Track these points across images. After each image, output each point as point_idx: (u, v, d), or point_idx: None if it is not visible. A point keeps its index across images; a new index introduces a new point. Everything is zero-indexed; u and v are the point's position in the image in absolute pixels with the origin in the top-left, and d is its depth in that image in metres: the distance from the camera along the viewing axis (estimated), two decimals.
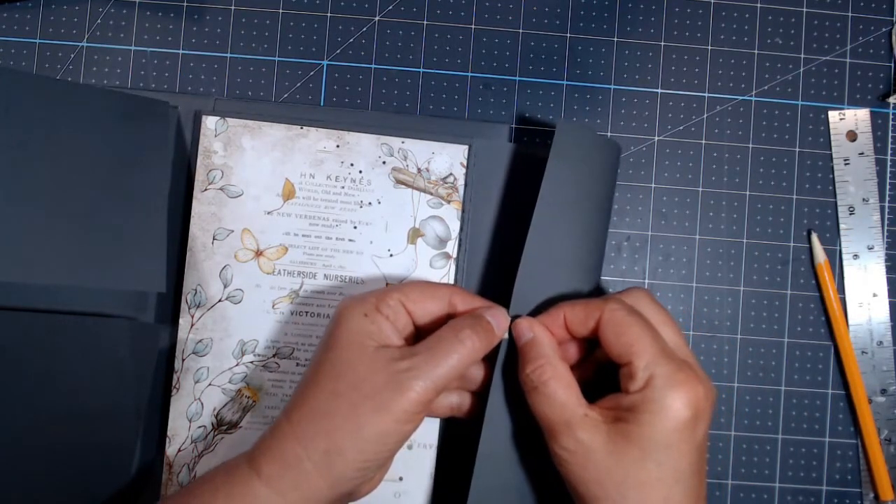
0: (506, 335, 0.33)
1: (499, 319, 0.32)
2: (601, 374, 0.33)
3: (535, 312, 0.34)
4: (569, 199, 0.35)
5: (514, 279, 0.34)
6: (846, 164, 0.41)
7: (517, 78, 0.41)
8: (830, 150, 0.41)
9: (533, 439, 0.32)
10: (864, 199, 0.41)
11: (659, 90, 0.41)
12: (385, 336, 0.31)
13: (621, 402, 0.30)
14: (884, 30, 0.41)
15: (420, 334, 0.33)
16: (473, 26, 0.41)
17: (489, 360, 0.34)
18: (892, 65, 0.41)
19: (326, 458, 0.29)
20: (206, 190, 0.38)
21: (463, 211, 0.39)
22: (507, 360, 0.33)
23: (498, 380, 0.33)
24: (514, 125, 0.40)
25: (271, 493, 0.29)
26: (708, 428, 0.29)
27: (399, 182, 0.39)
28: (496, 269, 0.39)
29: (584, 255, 0.35)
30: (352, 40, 0.41)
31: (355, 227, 0.38)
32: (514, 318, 0.33)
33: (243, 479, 0.29)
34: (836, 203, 0.41)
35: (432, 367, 0.30)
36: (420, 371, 0.29)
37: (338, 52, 0.41)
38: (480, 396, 0.35)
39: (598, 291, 0.36)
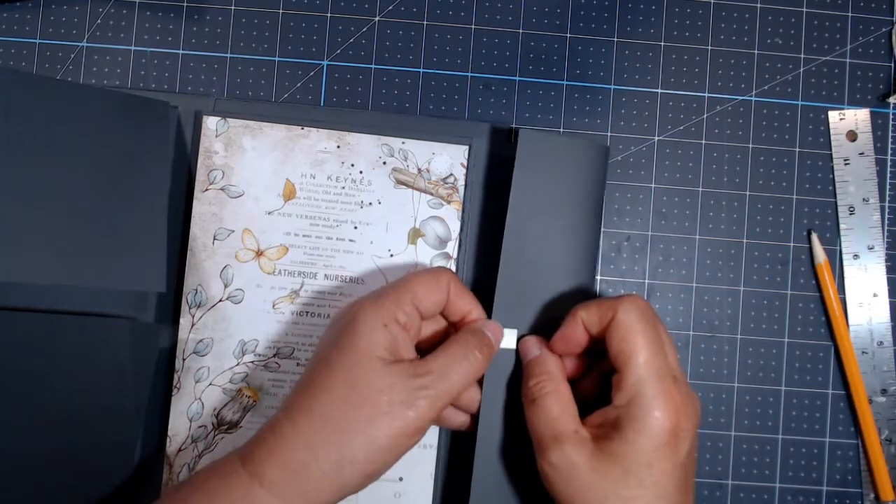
0: (511, 345, 0.34)
1: (495, 332, 0.34)
2: (603, 387, 0.33)
3: (518, 319, 0.35)
4: (540, 206, 0.35)
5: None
6: (846, 164, 0.41)
7: (517, 78, 0.41)
8: (830, 150, 0.41)
9: (526, 455, 0.33)
10: (864, 199, 0.41)
11: (659, 90, 0.41)
12: (401, 349, 0.31)
13: (608, 416, 0.30)
14: (884, 30, 0.41)
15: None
16: (473, 26, 0.41)
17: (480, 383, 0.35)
18: (892, 65, 0.41)
19: (337, 466, 0.29)
20: (206, 190, 0.38)
21: (463, 211, 0.39)
22: (498, 378, 0.34)
23: (489, 394, 0.34)
24: (514, 125, 0.40)
25: (274, 500, 0.28)
26: (693, 444, 0.30)
27: (399, 182, 0.39)
28: (496, 269, 0.39)
29: (566, 258, 0.35)
30: (352, 40, 0.41)
31: (356, 228, 0.38)
32: (521, 337, 0.34)
33: (243, 486, 0.29)
34: (836, 203, 0.41)
35: (444, 385, 0.30)
36: (433, 389, 0.30)
37: (338, 52, 0.41)
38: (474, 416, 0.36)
39: (589, 291, 0.36)
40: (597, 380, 0.34)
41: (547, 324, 0.35)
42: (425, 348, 0.35)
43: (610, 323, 0.31)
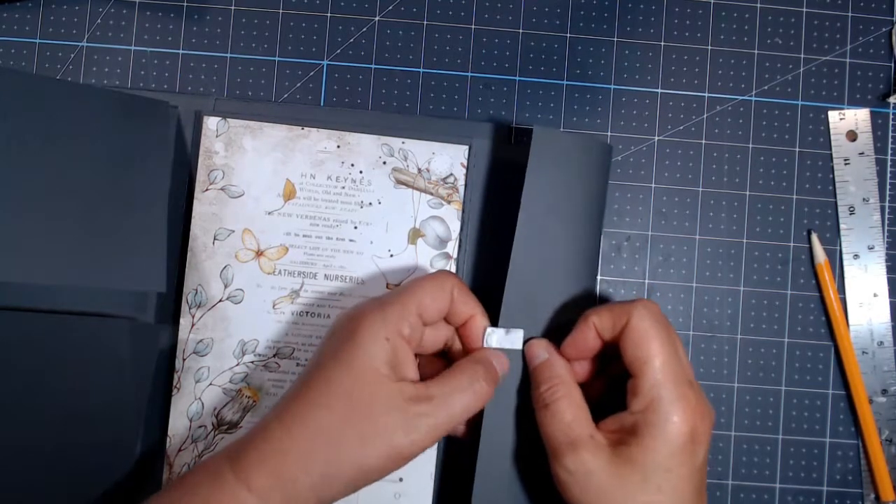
0: (518, 346, 0.34)
1: (501, 363, 0.33)
2: (612, 391, 0.33)
3: (526, 320, 0.34)
4: (551, 205, 0.35)
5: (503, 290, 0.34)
6: (846, 164, 0.41)
7: (517, 78, 0.41)
8: (830, 150, 0.41)
9: (532, 458, 0.32)
10: (864, 199, 0.41)
11: (659, 90, 0.41)
12: (402, 364, 0.31)
13: (624, 421, 0.30)
14: (884, 30, 0.41)
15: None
16: (473, 26, 0.41)
17: None
18: (892, 65, 0.41)
19: (325, 479, 0.29)
20: (207, 190, 0.38)
21: (463, 211, 0.39)
22: (503, 380, 0.34)
23: (495, 400, 0.33)
24: (514, 125, 0.40)
25: None
26: (707, 449, 0.30)
27: (399, 182, 0.39)
28: (496, 269, 0.39)
29: (573, 259, 0.35)
30: (352, 40, 0.41)
31: (356, 228, 0.38)
32: (527, 340, 0.34)
33: (232, 493, 0.28)
34: (836, 203, 0.41)
35: (445, 414, 0.30)
36: (432, 417, 0.30)
37: (338, 52, 0.41)
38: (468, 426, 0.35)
39: (592, 292, 0.36)
40: (604, 383, 0.34)
41: (554, 325, 0.34)
42: (425, 353, 0.35)
43: (624, 328, 0.31)
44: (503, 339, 0.34)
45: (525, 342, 0.34)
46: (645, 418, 0.29)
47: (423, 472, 0.38)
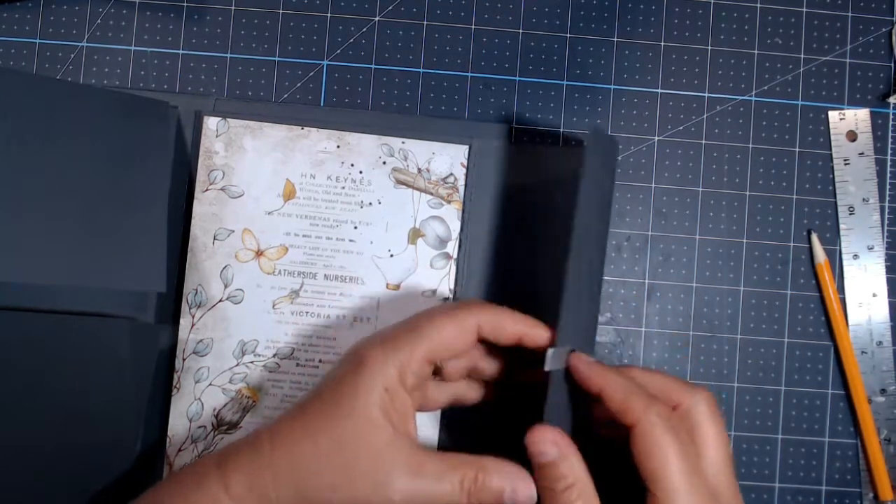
0: (559, 366, 0.31)
1: (517, 487, 0.29)
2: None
3: (575, 335, 0.31)
4: (598, 212, 0.33)
5: (550, 308, 0.31)
6: (846, 164, 0.41)
7: (517, 78, 0.41)
8: (830, 150, 0.41)
9: None
10: (864, 199, 0.41)
11: (659, 90, 0.41)
12: (402, 419, 0.30)
13: None
14: (884, 30, 0.41)
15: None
16: (473, 26, 0.41)
17: (502, 352, 0.33)
18: (892, 65, 0.41)
19: (294, 501, 0.29)
20: (207, 190, 0.38)
21: (463, 211, 0.39)
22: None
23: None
24: (514, 125, 0.40)
25: None
26: None
27: (399, 182, 0.39)
28: (496, 269, 0.39)
29: (599, 266, 0.34)
30: (352, 40, 0.41)
31: (356, 228, 0.39)
32: (531, 426, 0.29)
33: (213, 495, 0.29)
34: (836, 203, 0.41)
35: (427, 494, 0.28)
36: (412, 489, 0.28)
37: (338, 52, 0.41)
38: (492, 385, 0.34)
39: (598, 297, 0.35)
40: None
41: (592, 334, 0.33)
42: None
43: (632, 430, 0.28)
44: (556, 358, 0.30)
45: (528, 428, 0.29)
46: None
47: None
